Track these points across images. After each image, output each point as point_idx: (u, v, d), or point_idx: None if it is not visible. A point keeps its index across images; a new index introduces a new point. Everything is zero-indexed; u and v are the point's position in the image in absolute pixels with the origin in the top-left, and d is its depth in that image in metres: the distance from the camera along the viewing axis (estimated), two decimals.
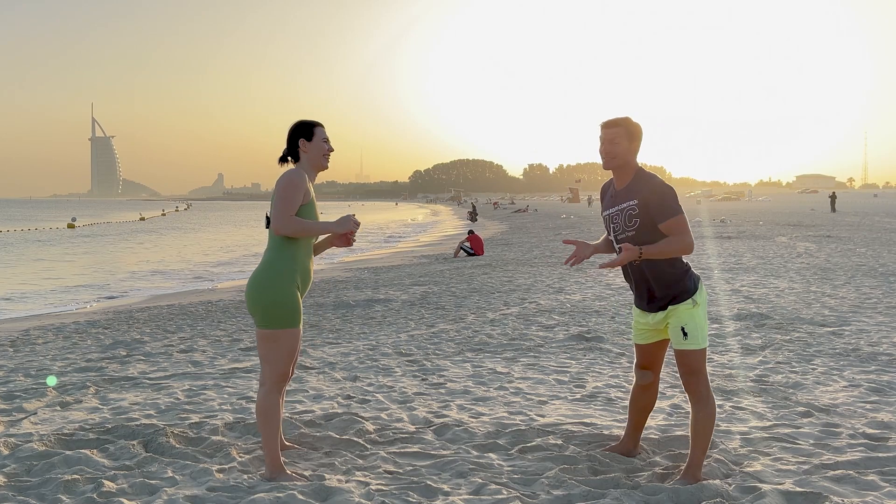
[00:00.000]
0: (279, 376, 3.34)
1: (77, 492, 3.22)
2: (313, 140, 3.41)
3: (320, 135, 3.43)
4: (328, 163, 3.47)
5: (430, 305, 9.03)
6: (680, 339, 3.22)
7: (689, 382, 3.26)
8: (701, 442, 3.24)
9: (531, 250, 18.36)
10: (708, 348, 3.33)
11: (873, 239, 18.40)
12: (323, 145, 3.42)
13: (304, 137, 3.41)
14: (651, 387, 3.54)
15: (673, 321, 3.24)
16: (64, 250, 27.33)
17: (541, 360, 5.82)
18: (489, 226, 37.16)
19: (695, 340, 3.21)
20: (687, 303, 3.22)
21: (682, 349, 3.23)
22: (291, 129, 3.44)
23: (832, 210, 40.92)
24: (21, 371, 5.83)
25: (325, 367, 5.72)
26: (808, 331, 6.70)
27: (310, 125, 3.44)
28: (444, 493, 3.19)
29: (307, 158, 3.42)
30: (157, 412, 4.49)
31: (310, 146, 3.41)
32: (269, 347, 3.31)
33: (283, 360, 3.32)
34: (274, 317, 3.28)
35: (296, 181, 3.28)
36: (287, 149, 3.45)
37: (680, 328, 3.22)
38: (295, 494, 3.10)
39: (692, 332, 3.21)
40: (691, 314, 3.22)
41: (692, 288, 3.25)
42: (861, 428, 3.96)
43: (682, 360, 3.26)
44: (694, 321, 3.21)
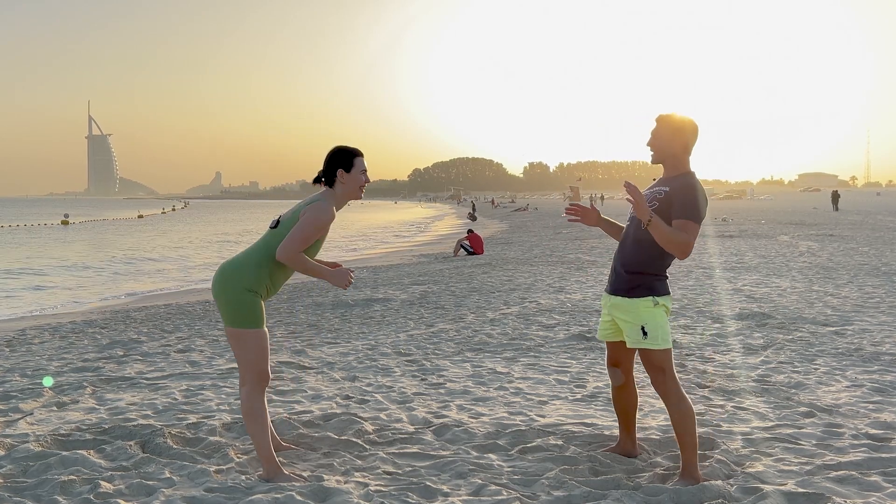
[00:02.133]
0: (257, 376, 3.32)
1: (74, 492, 3.20)
2: (352, 172, 3.38)
3: (359, 166, 3.40)
4: (363, 194, 3.45)
5: (430, 305, 9.01)
6: (639, 337, 3.20)
7: (657, 382, 3.25)
8: (686, 441, 3.23)
9: (531, 249, 18.34)
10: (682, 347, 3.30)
11: (876, 238, 18.37)
12: (361, 178, 3.40)
13: (344, 168, 3.37)
14: (625, 387, 3.53)
15: (630, 319, 3.21)
16: (61, 248, 27.31)
17: (541, 360, 5.79)
18: (489, 225, 37.15)
19: (655, 340, 3.18)
20: (647, 300, 3.19)
21: (644, 348, 3.22)
22: (331, 155, 3.40)
23: (835, 209, 40.86)
24: (17, 371, 5.81)
25: (324, 367, 5.69)
26: (811, 330, 6.68)
27: (350, 155, 3.40)
28: (444, 494, 3.17)
29: (342, 189, 3.39)
30: (155, 412, 4.46)
31: (348, 178, 3.38)
32: (239, 347, 3.30)
33: (255, 359, 3.30)
34: (235, 316, 3.27)
35: (325, 222, 3.28)
36: (323, 173, 3.41)
37: (640, 327, 3.19)
38: (293, 495, 3.08)
39: (652, 332, 3.18)
40: (652, 313, 3.19)
41: (659, 290, 3.23)
42: (864, 428, 3.93)
43: (644, 359, 3.25)
44: (655, 320, 3.19)
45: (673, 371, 3.25)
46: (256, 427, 3.32)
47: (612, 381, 3.55)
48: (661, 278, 3.26)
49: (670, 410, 3.25)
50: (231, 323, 3.29)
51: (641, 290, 3.21)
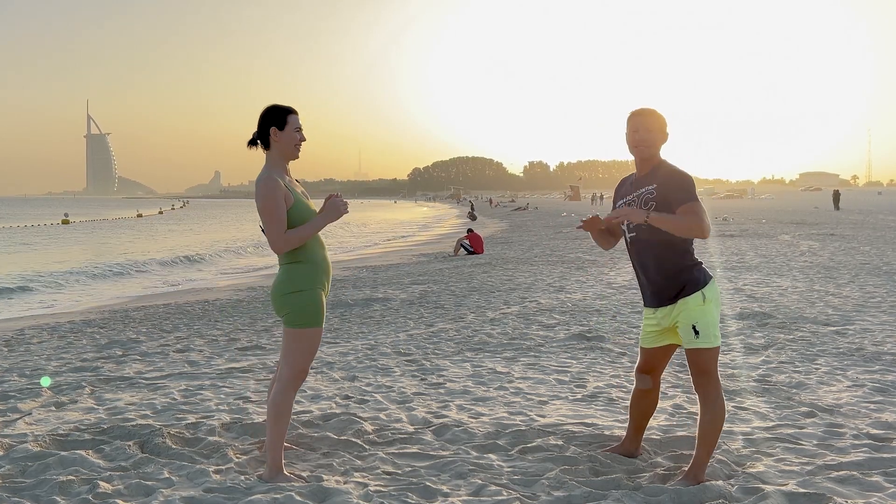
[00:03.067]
0: (297, 374, 3.32)
1: (72, 493, 3.20)
2: (285, 129, 3.27)
3: (293, 123, 3.28)
4: (300, 153, 3.32)
5: (430, 304, 8.99)
6: (691, 337, 3.14)
7: (699, 383, 3.21)
8: (707, 443, 3.20)
9: (531, 249, 18.32)
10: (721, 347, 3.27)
11: (877, 237, 18.35)
12: (295, 135, 3.28)
13: (276, 126, 3.26)
14: (651, 392, 3.50)
15: (683, 319, 3.16)
16: (58, 246, 27.31)
17: (541, 360, 5.78)
18: (489, 224, 37.13)
19: (706, 339, 3.13)
20: (696, 297, 3.14)
21: (694, 348, 3.15)
22: (262, 114, 3.29)
23: (836, 208, 40.77)
24: (16, 371, 5.80)
25: (324, 367, 5.68)
26: (812, 330, 6.66)
27: (283, 112, 3.28)
28: (444, 495, 3.16)
29: (277, 148, 3.28)
30: (154, 412, 4.45)
31: (281, 135, 3.26)
32: (293, 346, 3.29)
33: (304, 358, 3.31)
34: (300, 318, 3.26)
35: (271, 193, 3.17)
36: (257, 133, 3.31)
37: (691, 326, 3.14)
38: (293, 496, 3.07)
39: (704, 330, 3.13)
40: (702, 310, 3.14)
41: (701, 281, 3.17)
42: (865, 428, 3.92)
43: (693, 359, 3.20)
44: (705, 318, 3.13)
45: (717, 371, 3.21)
46: (279, 425, 3.31)
47: (639, 385, 3.50)
48: (698, 266, 3.21)
49: (704, 410, 3.20)
50: (290, 323, 3.27)
51: (688, 289, 3.16)
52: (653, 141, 3.22)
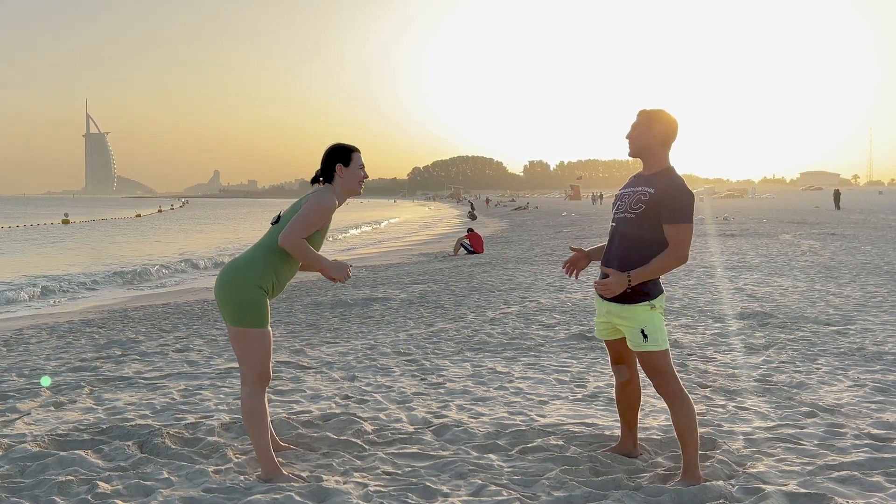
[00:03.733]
0: (258, 375, 3.31)
1: (71, 493, 3.19)
2: (350, 166, 3.41)
3: (357, 161, 3.44)
4: (361, 189, 3.49)
5: (430, 304, 8.98)
6: (640, 341, 3.19)
7: (659, 384, 3.24)
8: (688, 441, 3.21)
9: (531, 248, 18.31)
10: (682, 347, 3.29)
11: (878, 237, 18.32)
12: (359, 172, 3.44)
13: (342, 163, 3.40)
14: (630, 382, 3.52)
15: (630, 324, 3.21)
16: (58, 246, 27.30)
17: (541, 360, 5.77)
18: (489, 223, 37.13)
19: (655, 342, 3.18)
20: (644, 304, 3.18)
21: (643, 351, 3.21)
22: (329, 152, 3.43)
23: (836, 207, 40.72)
24: (14, 371, 5.79)
25: (323, 367, 5.67)
26: (813, 330, 6.65)
27: (348, 151, 3.43)
28: (444, 495, 3.15)
29: (342, 184, 3.42)
30: (153, 412, 4.45)
31: (346, 172, 3.41)
32: (242, 346, 3.29)
33: (257, 359, 3.30)
34: (241, 316, 3.26)
35: (327, 209, 3.30)
36: (321, 170, 3.44)
37: (640, 330, 3.18)
38: (292, 496, 3.07)
39: (652, 334, 3.18)
40: (650, 316, 3.19)
41: (654, 292, 3.21)
42: (866, 428, 3.92)
43: (644, 362, 3.24)
44: (653, 323, 3.19)
45: (673, 371, 3.25)
46: (256, 427, 3.31)
47: (618, 378, 3.53)
48: (654, 280, 3.24)
49: (672, 410, 3.24)
50: (235, 322, 3.27)
51: (637, 297, 3.19)
52: (638, 140, 3.24)
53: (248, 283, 3.25)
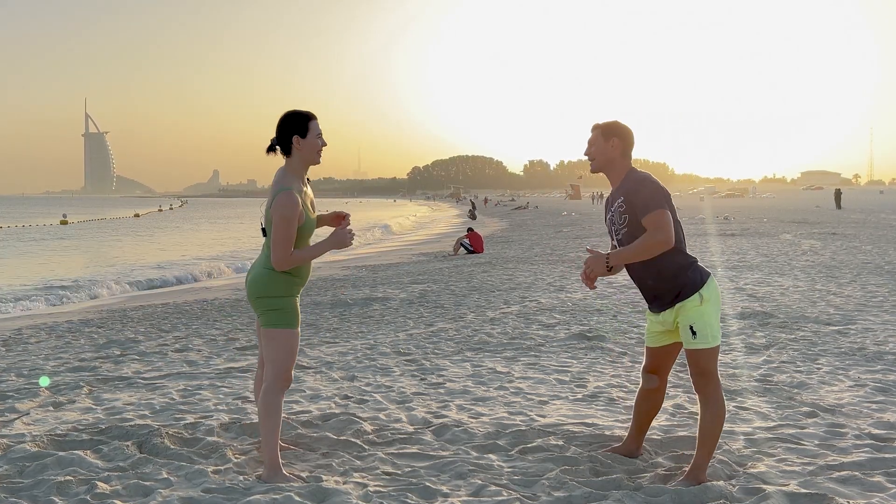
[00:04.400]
0: (281, 375, 3.32)
1: (70, 493, 3.18)
2: (307, 136, 3.26)
3: (314, 130, 3.28)
4: (321, 158, 3.33)
5: (429, 304, 8.97)
6: (689, 338, 3.15)
7: (699, 383, 3.20)
8: (707, 444, 3.19)
9: (532, 248, 18.30)
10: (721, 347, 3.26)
11: (879, 236, 18.30)
12: (317, 142, 3.29)
13: (298, 133, 3.25)
14: (658, 391, 3.49)
15: (682, 320, 3.17)
16: (57, 246, 27.27)
17: (541, 360, 5.76)
18: (489, 223, 37.11)
19: (704, 339, 3.13)
20: (693, 298, 3.14)
21: (692, 349, 3.16)
22: (283, 121, 3.28)
23: (837, 207, 40.66)
24: (13, 371, 5.78)
25: (323, 367, 5.66)
26: (813, 329, 6.64)
27: (304, 119, 3.27)
28: (444, 495, 3.14)
29: (300, 157, 3.29)
30: (152, 412, 4.44)
31: (304, 143, 3.26)
32: (270, 346, 3.31)
33: (283, 359, 3.31)
34: (272, 318, 3.29)
35: (290, 215, 3.16)
36: (277, 140, 3.30)
37: (688, 327, 3.14)
38: (292, 496, 3.06)
39: (701, 331, 3.13)
40: (699, 311, 3.13)
41: (698, 282, 3.16)
42: (867, 428, 3.91)
43: (691, 359, 3.20)
44: (702, 319, 3.13)
45: (716, 372, 3.21)
46: (270, 424, 3.31)
47: (645, 384, 3.48)
48: (693, 265, 3.19)
49: (703, 410, 3.20)
50: (265, 323, 3.31)
51: (685, 292, 3.14)
52: (599, 156, 3.24)
53: (268, 294, 3.26)
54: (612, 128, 3.24)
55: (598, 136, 3.25)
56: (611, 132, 3.23)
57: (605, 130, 3.25)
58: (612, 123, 3.27)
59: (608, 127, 3.25)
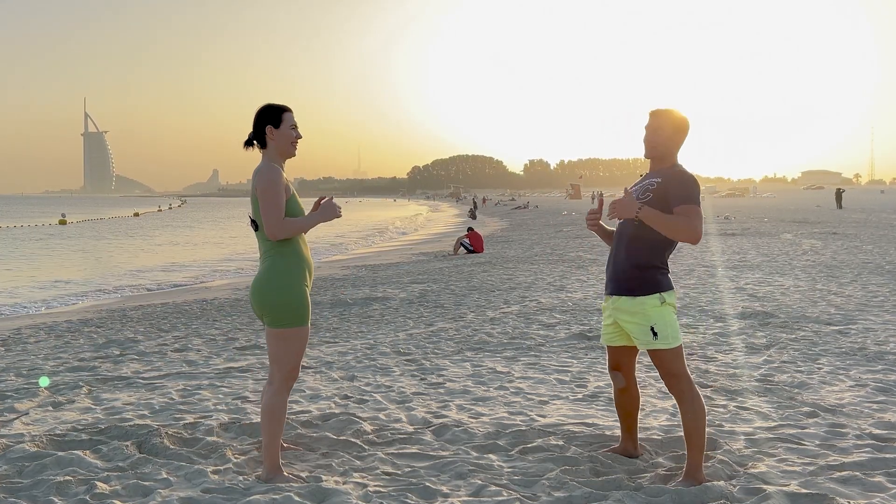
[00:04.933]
0: (289, 374, 3.31)
1: (69, 493, 3.18)
2: (281, 127, 3.29)
3: (288, 121, 3.31)
4: (296, 150, 3.36)
5: (429, 304, 8.97)
6: (650, 339, 3.15)
7: (670, 384, 3.21)
8: (695, 441, 3.19)
9: (532, 247, 18.28)
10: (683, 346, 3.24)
11: (880, 236, 18.28)
12: (290, 133, 3.31)
13: (272, 124, 3.28)
14: (627, 390, 3.49)
15: (639, 320, 3.16)
16: (56, 247, 27.26)
17: (542, 360, 5.75)
18: (489, 223, 37.10)
19: (665, 340, 3.13)
20: (654, 297, 3.14)
21: (654, 349, 3.16)
22: (258, 114, 3.33)
23: (838, 206, 40.64)
24: (12, 371, 5.77)
25: (322, 367, 5.65)
26: (814, 329, 6.63)
27: (278, 111, 3.30)
28: (444, 495, 3.14)
29: (274, 146, 3.30)
30: (151, 412, 4.43)
31: (277, 133, 3.29)
32: (280, 347, 3.28)
33: (293, 357, 3.30)
34: (284, 317, 3.25)
35: (275, 180, 3.20)
36: (253, 133, 3.33)
37: (649, 328, 3.14)
38: (291, 496, 3.05)
39: (662, 331, 3.13)
40: (660, 312, 3.14)
41: (664, 285, 3.17)
42: (868, 428, 3.90)
43: (657, 361, 3.20)
44: (663, 319, 3.14)
45: (686, 370, 3.21)
46: (273, 425, 3.29)
47: (614, 384, 3.50)
48: (665, 271, 3.21)
49: (682, 410, 3.20)
50: (279, 324, 3.25)
51: (647, 287, 3.14)
52: (658, 142, 3.21)
53: (286, 283, 3.23)
54: (675, 119, 3.22)
55: (668, 125, 3.20)
56: (682, 128, 3.22)
57: (676, 124, 3.21)
58: (683, 119, 3.23)
59: (681, 122, 3.22)
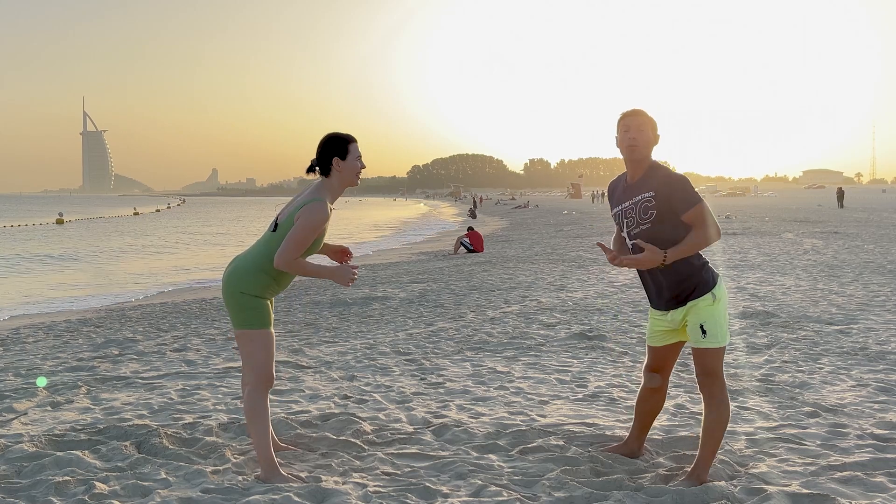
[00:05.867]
0: (261, 376, 3.33)
1: (68, 494, 3.16)
2: (348, 159, 3.33)
3: (354, 153, 3.35)
4: (359, 181, 3.41)
5: (429, 303, 8.96)
6: (698, 336, 3.13)
7: (705, 383, 3.18)
8: (710, 444, 3.18)
9: (532, 247, 18.28)
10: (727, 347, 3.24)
11: (881, 235, 18.26)
12: (357, 164, 3.35)
13: (339, 156, 3.32)
14: (660, 390, 3.47)
15: (692, 318, 3.15)
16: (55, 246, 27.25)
17: (542, 360, 5.74)
18: (489, 222, 37.10)
19: (714, 338, 3.12)
20: (706, 297, 3.13)
21: (700, 347, 3.14)
22: (325, 143, 3.34)
23: (839, 206, 40.64)
24: (11, 370, 5.75)
25: (322, 367, 5.64)
26: (815, 329, 6.62)
27: (345, 142, 3.34)
28: (444, 495, 3.13)
29: (339, 178, 3.35)
30: (150, 412, 4.42)
31: (344, 165, 3.33)
32: (248, 347, 3.32)
33: (260, 360, 3.32)
34: (248, 317, 3.30)
35: (319, 223, 3.23)
36: (317, 161, 3.35)
37: (699, 325, 3.12)
38: (291, 496, 3.04)
39: (711, 330, 3.12)
40: (711, 311, 3.12)
41: (710, 282, 3.16)
42: (869, 428, 3.89)
43: (699, 359, 3.17)
44: (714, 318, 3.12)
45: (722, 372, 3.19)
46: (258, 427, 3.31)
47: (648, 384, 3.46)
48: (706, 264, 3.19)
49: (709, 411, 3.18)
50: (237, 324, 3.32)
51: (699, 290, 3.13)
52: (646, 141, 3.18)
53: (245, 291, 3.28)
54: (650, 119, 3.21)
55: (647, 126, 3.18)
56: (656, 127, 3.21)
57: (653, 124, 3.21)
58: (646, 113, 3.22)
59: (652, 119, 3.21)
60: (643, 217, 3.14)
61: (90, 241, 30.98)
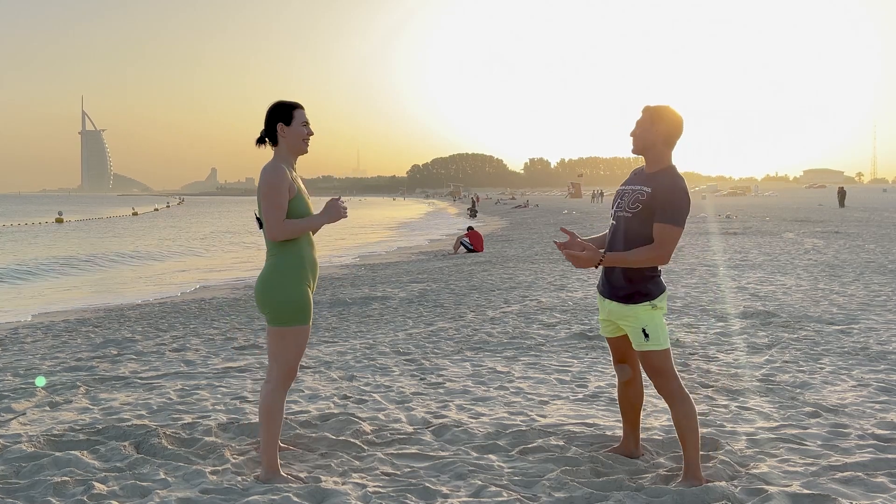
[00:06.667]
0: (287, 373, 3.30)
1: (67, 494, 3.16)
2: (292, 124, 3.29)
3: (300, 118, 3.30)
4: (308, 147, 3.35)
5: (429, 303, 8.95)
6: (641, 340, 3.17)
7: (659, 384, 3.22)
8: (690, 440, 3.18)
9: (532, 247, 18.27)
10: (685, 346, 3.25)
11: (882, 235, 18.25)
12: (302, 129, 3.31)
13: (283, 121, 3.29)
14: (633, 382, 3.49)
15: (632, 322, 3.18)
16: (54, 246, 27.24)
17: (542, 360, 5.73)
18: (489, 222, 37.09)
19: (656, 341, 3.15)
20: (644, 305, 3.16)
21: (644, 350, 3.18)
22: (269, 111, 3.33)
23: (840, 205, 40.63)
24: (9, 370, 5.75)
25: (321, 367, 5.63)
26: (816, 329, 6.61)
27: (288, 108, 3.30)
28: (443, 496, 3.12)
29: (286, 144, 3.30)
30: (149, 412, 4.41)
31: (288, 131, 3.29)
32: (280, 345, 3.27)
33: (292, 357, 3.29)
34: (284, 315, 3.24)
35: (276, 182, 3.18)
36: (265, 131, 3.34)
37: (641, 329, 3.16)
38: (290, 497, 3.04)
39: (653, 334, 3.15)
40: (651, 315, 3.16)
41: (654, 293, 3.18)
42: (870, 429, 3.88)
43: (646, 362, 3.21)
44: (654, 322, 3.16)
45: (674, 370, 3.22)
46: (271, 426, 3.28)
47: (620, 377, 3.50)
48: (656, 278, 3.20)
49: (673, 410, 3.21)
50: (279, 322, 3.24)
51: (638, 297, 3.16)
52: (643, 137, 3.18)
53: (287, 282, 3.23)
54: (662, 113, 3.17)
55: (647, 118, 3.18)
56: (659, 118, 3.17)
57: (654, 114, 3.18)
58: (662, 109, 3.19)
59: (658, 112, 3.18)
60: (631, 205, 3.18)
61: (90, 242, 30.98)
